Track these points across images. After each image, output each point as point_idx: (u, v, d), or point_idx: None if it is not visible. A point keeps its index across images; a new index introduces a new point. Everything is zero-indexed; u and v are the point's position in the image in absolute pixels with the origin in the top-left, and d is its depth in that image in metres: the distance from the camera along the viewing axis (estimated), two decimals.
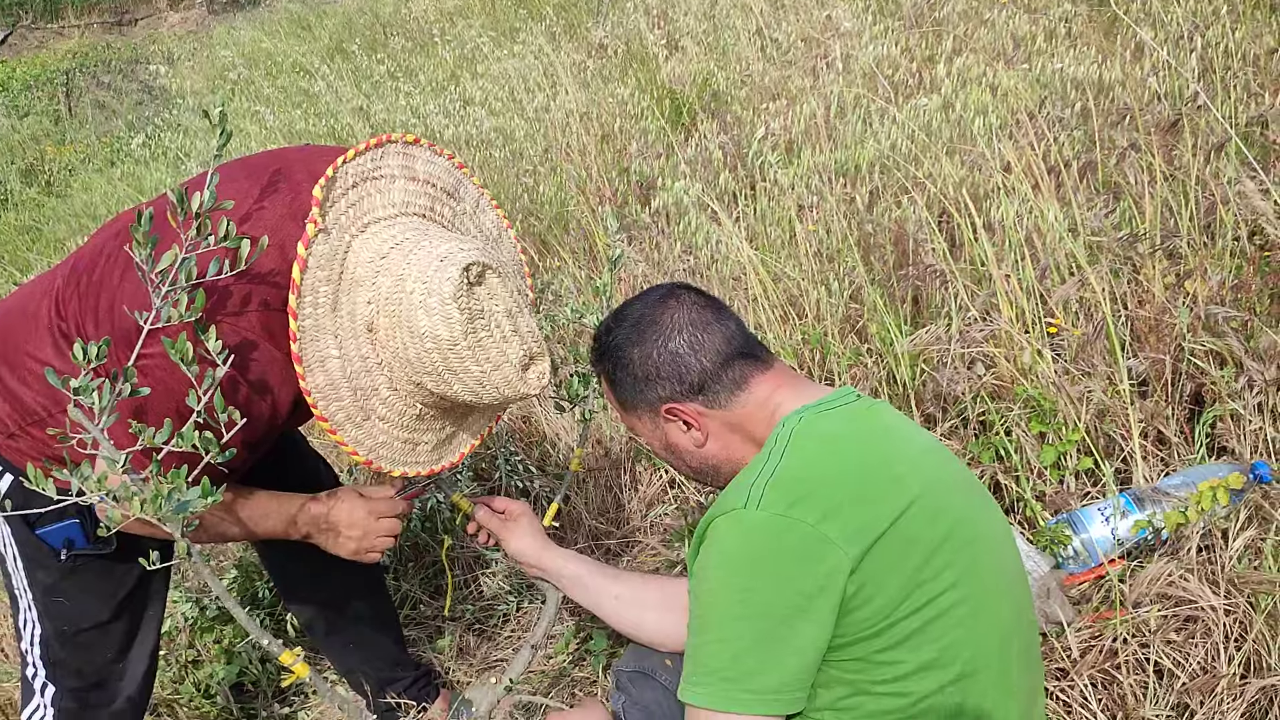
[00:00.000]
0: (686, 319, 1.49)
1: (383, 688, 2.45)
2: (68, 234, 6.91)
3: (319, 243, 1.57)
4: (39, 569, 1.84)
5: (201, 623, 2.83)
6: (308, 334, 1.56)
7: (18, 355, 1.72)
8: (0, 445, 1.75)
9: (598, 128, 4.88)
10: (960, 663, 1.29)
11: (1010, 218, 2.53)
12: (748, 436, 1.48)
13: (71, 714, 1.94)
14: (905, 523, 1.29)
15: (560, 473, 3.12)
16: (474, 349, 1.56)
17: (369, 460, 1.65)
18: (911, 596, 1.27)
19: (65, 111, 12.07)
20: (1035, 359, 2.30)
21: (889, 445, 1.40)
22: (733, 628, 1.27)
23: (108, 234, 1.73)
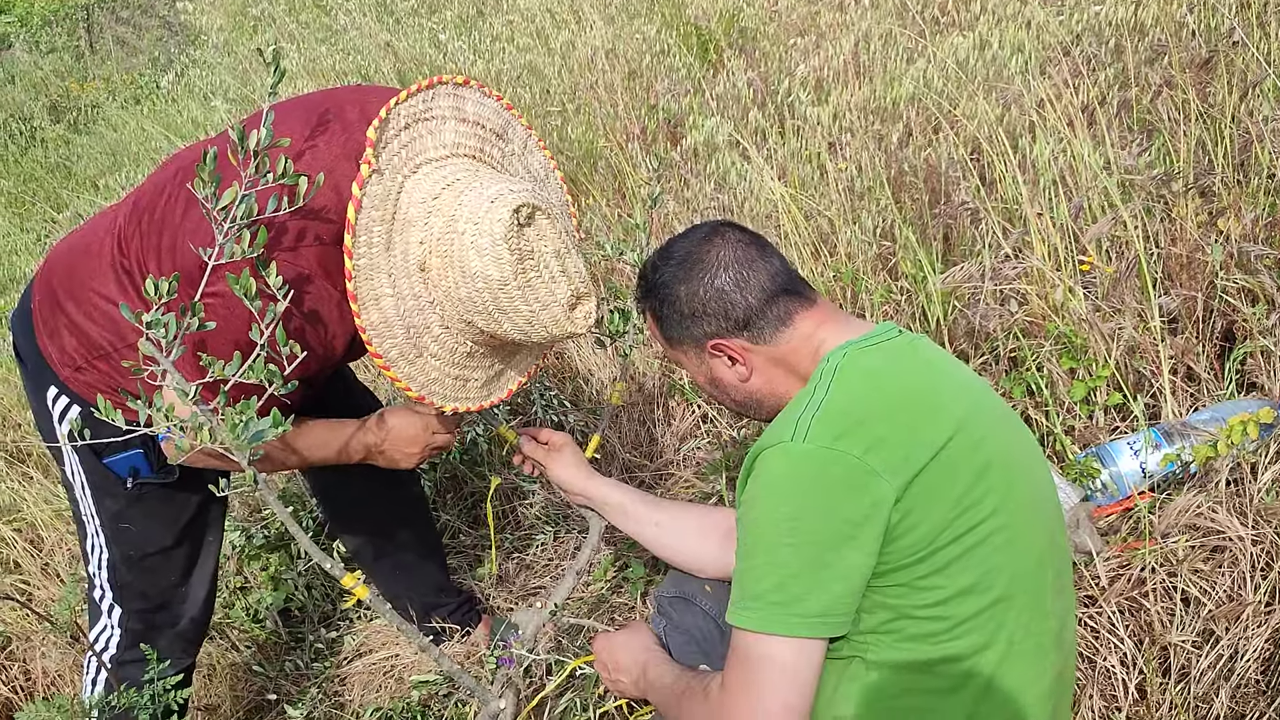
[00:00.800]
0: (732, 256, 1.52)
1: (427, 613, 2.55)
2: (98, 172, 6.95)
3: (373, 183, 1.61)
4: (106, 496, 1.92)
5: (249, 550, 2.93)
6: (362, 272, 1.61)
7: (83, 291, 1.78)
8: (68, 378, 1.81)
9: (624, 65, 4.86)
10: (998, 587, 1.34)
11: (1045, 156, 2.54)
12: (791, 371, 1.52)
13: (137, 634, 2.03)
14: (947, 453, 1.32)
15: (594, 407, 3.18)
16: (523, 289, 1.60)
17: (421, 396, 1.71)
18: (953, 524, 1.31)
19: (87, 48, 12.03)
20: (1067, 296, 2.32)
21: (931, 378, 1.44)
22: (780, 554, 1.31)
23: (167, 172, 1.77)
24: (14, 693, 2.86)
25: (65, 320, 1.79)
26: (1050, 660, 1.41)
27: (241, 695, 2.73)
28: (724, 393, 1.61)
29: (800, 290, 1.53)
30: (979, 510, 1.32)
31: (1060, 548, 1.49)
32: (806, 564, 1.30)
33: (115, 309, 1.73)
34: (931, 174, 2.97)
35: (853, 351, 1.44)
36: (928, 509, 1.31)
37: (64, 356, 1.80)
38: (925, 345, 1.51)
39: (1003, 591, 1.34)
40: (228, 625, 2.84)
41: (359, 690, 2.62)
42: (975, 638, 1.34)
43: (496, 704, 1.91)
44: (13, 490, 3.35)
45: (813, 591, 1.30)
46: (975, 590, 1.33)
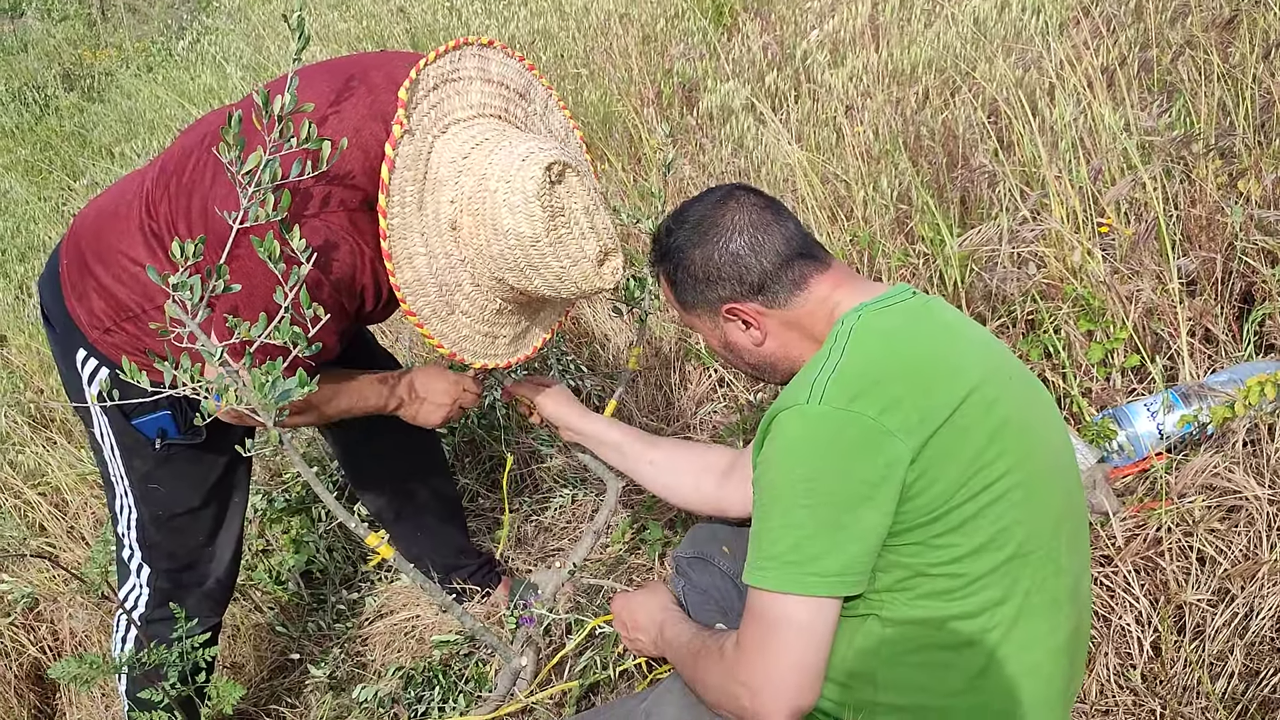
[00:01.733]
0: (746, 220, 1.51)
1: (448, 574, 2.58)
2: (114, 140, 6.96)
3: (405, 144, 1.63)
4: (135, 457, 1.95)
5: (270, 514, 2.97)
6: (396, 232, 1.63)
7: (111, 254, 1.80)
8: (97, 340, 1.84)
9: (638, 29, 4.84)
10: (1013, 544, 1.35)
11: (1065, 117, 2.52)
12: (806, 334, 1.52)
13: (165, 593, 2.07)
14: (963, 412, 1.33)
15: (611, 372, 3.20)
16: (555, 246, 1.63)
17: (453, 353, 1.75)
18: (969, 483, 1.32)
19: (99, 15, 12.01)
20: (1085, 258, 2.32)
21: (946, 338, 1.44)
22: (796, 515, 1.32)
23: (195, 137, 1.78)
24: (42, 652, 2.92)
25: (94, 283, 1.82)
26: (1065, 615, 1.42)
27: (265, 655, 2.78)
28: (738, 356, 1.62)
29: (815, 253, 1.53)
30: (994, 468, 1.33)
31: (1076, 505, 1.50)
32: (823, 525, 1.31)
33: (143, 271, 1.75)
34: (949, 137, 2.96)
35: (867, 313, 1.44)
36: (943, 468, 1.31)
37: (92, 319, 1.83)
38: (940, 306, 1.51)
39: (1017, 548, 1.35)
40: (251, 587, 2.88)
41: (380, 650, 2.65)
42: (990, 594, 1.35)
43: (518, 661, 1.94)
44: (38, 455, 3.39)
45: (829, 552, 1.31)
46: (990, 547, 1.34)
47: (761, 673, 1.33)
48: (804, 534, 1.31)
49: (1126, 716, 1.83)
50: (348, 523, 1.65)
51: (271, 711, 2.54)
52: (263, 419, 1.49)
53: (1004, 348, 1.54)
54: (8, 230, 5.73)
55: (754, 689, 1.33)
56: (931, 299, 1.51)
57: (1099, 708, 1.86)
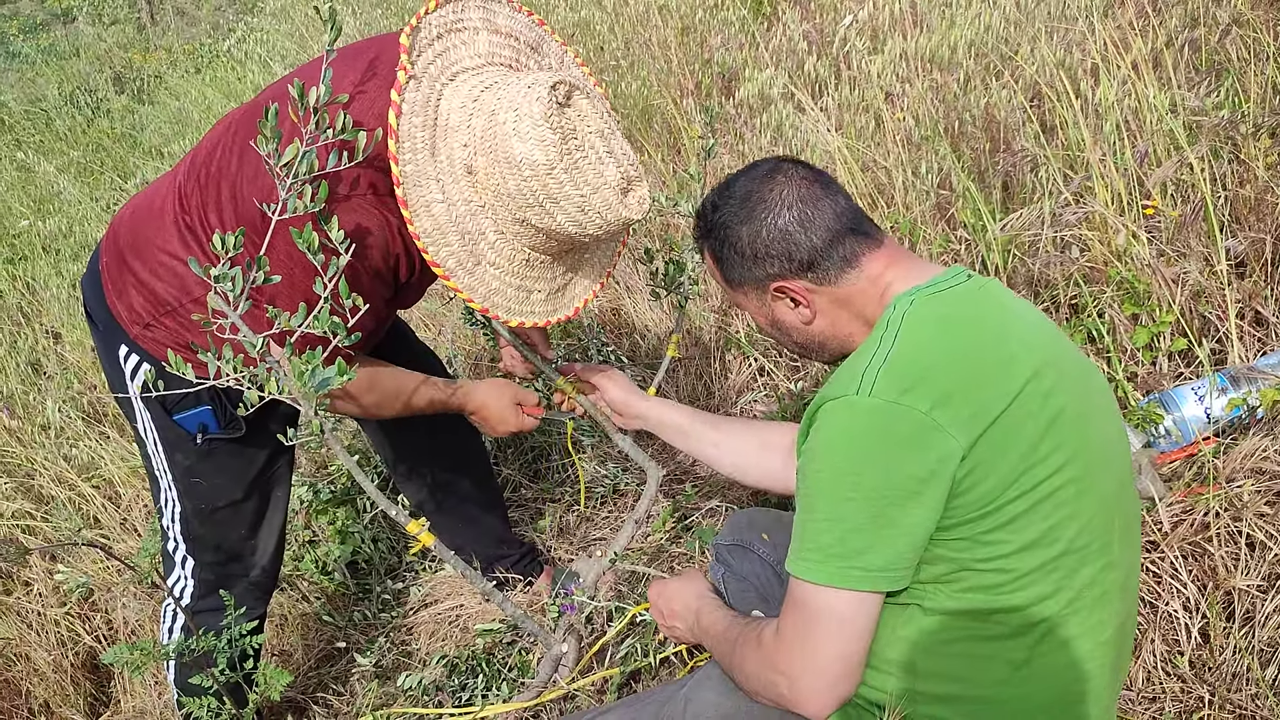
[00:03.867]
0: (795, 194, 1.45)
1: (490, 564, 2.60)
2: (162, 141, 7.08)
3: (410, 89, 1.60)
4: (177, 452, 1.98)
5: (316, 505, 3.01)
6: (410, 179, 1.60)
7: (149, 249, 1.82)
8: (138, 335, 1.86)
9: (677, 20, 4.83)
10: (1064, 541, 1.32)
11: (1110, 98, 2.48)
12: (856, 314, 1.48)
13: (209, 584, 2.10)
14: (1016, 407, 1.29)
15: (651, 362, 3.20)
16: (570, 172, 1.58)
17: (485, 308, 1.70)
18: (1019, 480, 1.29)
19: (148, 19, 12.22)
20: (1130, 241, 2.29)
21: (1001, 327, 1.39)
22: (843, 508, 1.29)
23: (221, 128, 1.81)
24: (97, 641, 2.98)
25: (132, 279, 1.84)
26: (1114, 609, 1.39)
27: (313, 644, 2.82)
28: (786, 335, 1.57)
29: (867, 230, 1.47)
30: (1047, 465, 1.30)
31: (1130, 497, 1.46)
32: (869, 519, 1.28)
33: (180, 265, 1.77)
34: (990, 122, 2.92)
35: (920, 298, 1.39)
36: (994, 464, 1.28)
37: (132, 315, 1.85)
38: (995, 290, 1.46)
39: (1068, 545, 1.32)
40: (298, 577, 2.92)
41: (425, 639, 2.68)
42: (1038, 589, 1.32)
43: (560, 648, 1.95)
44: (91, 449, 3.46)
45: (875, 546, 1.28)
46: (1040, 544, 1.31)
47: (801, 662, 1.32)
48: (849, 527, 1.29)
49: (1174, 704, 1.80)
50: (389, 510, 1.67)
51: (318, 699, 2.58)
52: (304, 407, 1.51)
53: (1059, 334, 1.48)
54: (60, 230, 5.86)
55: (793, 677, 1.32)
56: (987, 282, 1.46)
57: (1146, 695, 1.84)
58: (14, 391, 4.05)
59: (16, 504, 3.31)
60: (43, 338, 4.64)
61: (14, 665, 2.91)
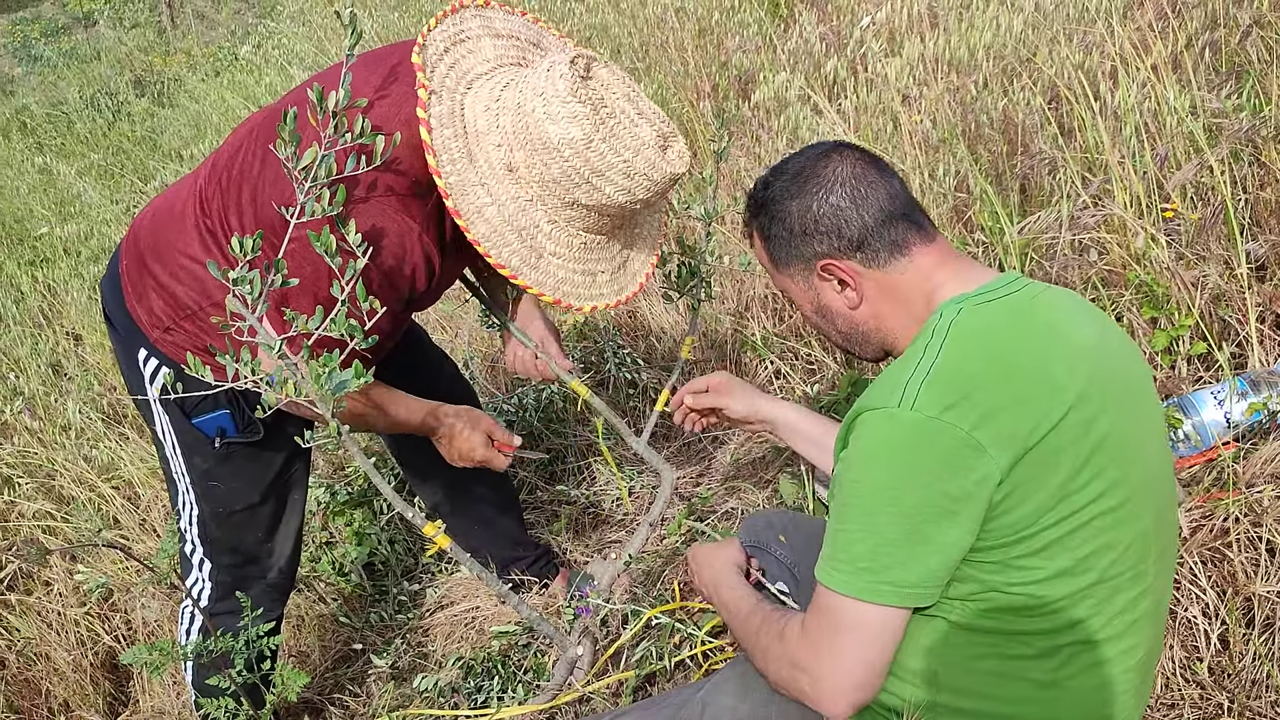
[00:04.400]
0: (849, 172, 1.43)
1: (505, 566, 2.61)
2: (181, 144, 7.13)
3: (434, 104, 1.63)
4: (196, 455, 1.99)
5: (333, 507, 3.02)
6: (456, 190, 1.62)
7: (169, 253, 1.83)
8: (157, 339, 1.88)
9: (694, 23, 4.83)
10: (1097, 571, 1.30)
11: (1130, 100, 2.47)
12: (903, 308, 1.44)
13: (226, 586, 2.11)
14: (1059, 433, 1.26)
15: (666, 365, 3.21)
16: (609, 140, 1.60)
17: (557, 299, 1.73)
18: (1056, 507, 1.26)
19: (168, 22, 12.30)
20: (1149, 244, 2.27)
21: (1050, 344, 1.34)
22: (877, 522, 1.27)
23: (243, 132, 1.82)
24: (116, 641, 3.00)
25: (153, 282, 1.85)
26: (1144, 635, 1.37)
27: (329, 645, 2.83)
28: (830, 322, 1.53)
29: (919, 221, 1.44)
30: (1085, 493, 1.27)
31: (1168, 524, 1.43)
32: (903, 535, 1.26)
33: (200, 268, 1.79)
34: (1008, 124, 2.91)
35: (968, 307, 1.35)
36: (1031, 490, 1.25)
37: (152, 318, 1.87)
38: (1047, 301, 1.40)
39: (1102, 574, 1.30)
40: (315, 578, 2.94)
41: (441, 641, 2.69)
42: (1068, 615, 1.31)
43: (575, 650, 1.96)
44: (111, 449, 3.49)
45: (906, 563, 1.26)
46: (1073, 572, 1.29)
47: (825, 663, 1.31)
48: (882, 541, 1.27)
49: (1193, 710, 1.79)
50: (405, 512, 1.68)
51: (335, 700, 2.59)
52: (320, 410, 1.51)
53: (1112, 348, 1.43)
54: (81, 233, 5.90)
55: (816, 676, 1.31)
56: (1040, 291, 1.41)
57: (1165, 701, 1.82)
58: (35, 392, 4.09)
59: (37, 504, 3.34)
60: (63, 339, 4.68)
61: (34, 665, 2.93)
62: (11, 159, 7.93)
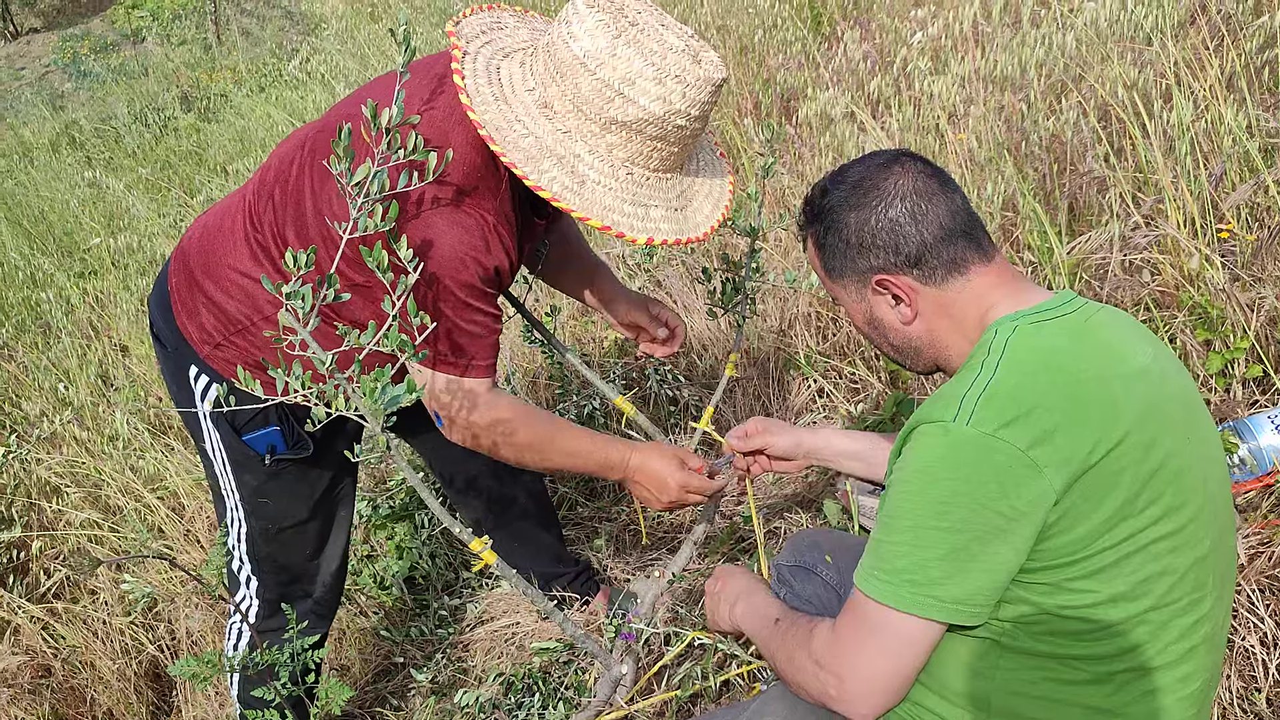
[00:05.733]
0: (911, 186, 1.39)
1: (546, 582, 2.60)
2: (227, 158, 7.23)
3: (467, 63, 1.65)
4: (246, 472, 2.00)
5: (375, 520, 3.03)
6: (491, 125, 1.60)
7: (220, 269, 1.85)
8: (208, 355, 1.89)
9: (736, 40, 4.84)
10: (1153, 596, 1.27)
11: (1184, 119, 2.43)
12: (956, 326, 1.42)
13: (273, 604, 2.13)
14: (1116, 456, 1.24)
15: (708, 381, 3.19)
16: (633, 45, 1.57)
17: (605, 225, 1.65)
18: (1112, 530, 1.24)
19: (214, 39, 12.50)
20: (1204, 265, 2.24)
21: (1107, 366, 1.32)
22: (926, 535, 1.25)
23: (291, 146, 1.84)
24: (160, 651, 3.03)
25: (203, 298, 1.87)
26: (1201, 664, 1.34)
27: (370, 659, 2.84)
28: (882, 335, 1.50)
29: (979, 239, 1.41)
30: (1142, 518, 1.25)
31: (1227, 549, 1.41)
32: (952, 550, 1.24)
33: (250, 283, 1.80)
34: (1056, 143, 2.88)
35: (1024, 325, 1.33)
36: (1087, 512, 1.23)
37: (203, 334, 1.88)
38: (1103, 322, 1.38)
39: (1158, 600, 1.28)
40: (356, 592, 2.95)
41: (481, 656, 2.69)
42: (1123, 641, 1.28)
43: (619, 669, 1.94)
44: (157, 460, 3.53)
45: (953, 578, 1.25)
46: (1128, 597, 1.27)
47: (853, 666, 1.30)
48: (931, 555, 1.25)
49: None
50: (452, 527, 1.67)
51: (376, 714, 2.60)
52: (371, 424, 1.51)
53: (1167, 370, 1.40)
54: (129, 246, 5.99)
55: (843, 678, 1.30)
56: (1096, 311, 1.39)
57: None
58: (84, 403, 4.14)
59: (85, 513, 3.38)
60: (111, 351, 4.74)
61: (80, 673, 2.96)
62: (62, 173, 8.07)
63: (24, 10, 18.36)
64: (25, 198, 7.45)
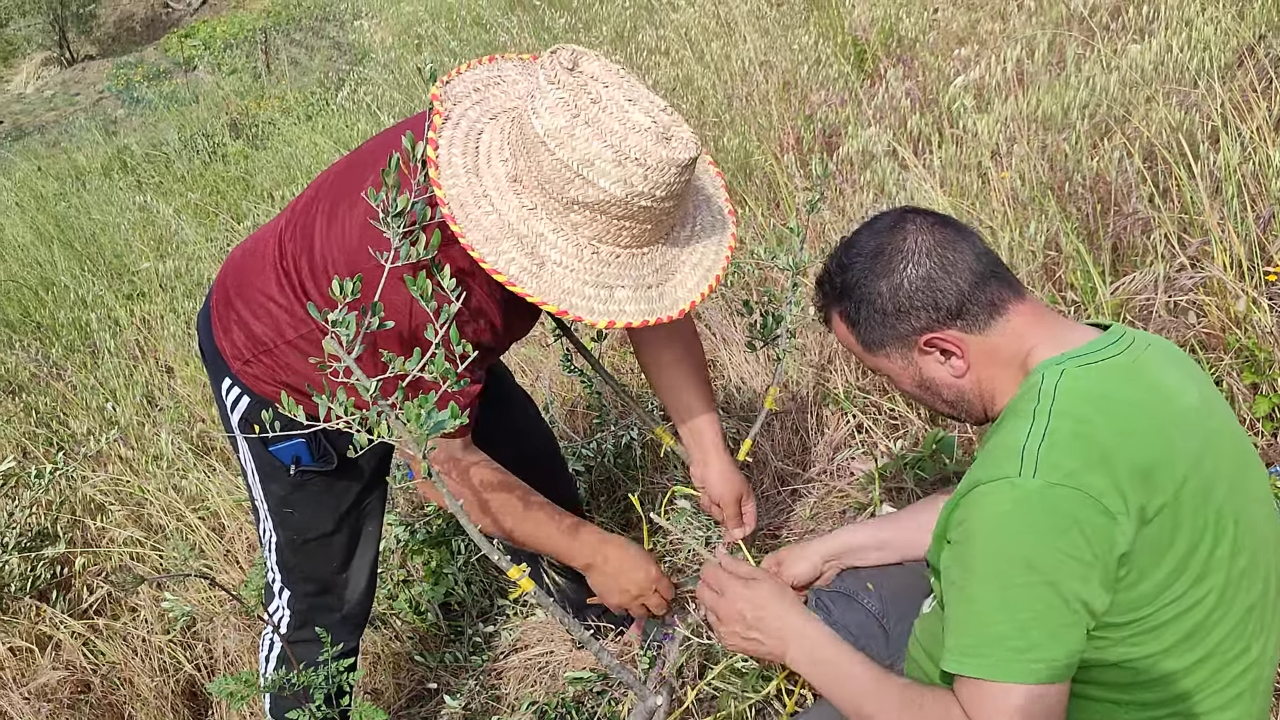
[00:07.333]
0: (931, 240, 1.37)
1: (579, 611, 2.60)
2: (274, 185, 7.35)
3: (446, 128, 1.63)
4: (273, 482, 2.05)
5: (412, 545, 3.05)
6: (454, 201, 1.57)
7: (250, 290, 1.92)
8: (238, 370, 1.95)
9: (779, 76, 4.87)
10: (1205, 647, 1.26)
11: (1232, 161, 2.42)
12: (1003, 369, 1.39)
13: (303, 615, 2.16)
14: (1179, 503, 1.22)
15: (746, 414, 3.19)
16: (593, 125, 1.50)
17: (563, 310, 1.59)
18: (1173, 585, 1.22)
19: (264, 68, 12.74)
20: (1251, 308, 2.22)
21: (1163, 409, 1.29)
22: (1014, 596, 1.20)
23: (325, 178, 1.91)
24: (197, 670, 3.05)
25: (235, 317, 1.93)
26: (1247, 709, 1.32)
27: (404, 683, 2.85)
28: (935, 394, 1.47)
29: (1008, 277, 1.39)
30: (1202, 569, 1.23)
31: (1274, 588, 1.37)
32: (1046, 607, 1.20)
33: (275, 307, 1.86)
34: (1099, 182, 2.88)
35: (1073, 369, 1.30)
36: (1150, 567, 1.21)
37: (234, 350, 1.94)
38: (1150, 361, 1.34)
39: (1209, 650, 1.26)
40: (392, 615, 2.96)
41: (515, 684, 2.69)
42: (1172, 690, 1.26)
43: (654, 700, 1.94)
44: (199, 481, 3.57)
45: (1055, 637, 1.20)
46: (1181, 649, 1.25)
47: None
48: (1027, 616, 1.20)
49: None
50: (491, 555, 1.68)
51: None
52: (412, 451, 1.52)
53: (1215, 409, 1.37)
54: (176, 270, 6.10)
55: None
56: (1143, 351, 1.35)
57: None
58: (130, 422, 4.21)
59: (128, 531, 3.43)
60: (157, 372, 4.82)
61: (118, 689, 3.00)
62: (114, 196, 8.24)
63: (80, 38, 18.85)
64: (78, 220, 7.61)
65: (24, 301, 6.38)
